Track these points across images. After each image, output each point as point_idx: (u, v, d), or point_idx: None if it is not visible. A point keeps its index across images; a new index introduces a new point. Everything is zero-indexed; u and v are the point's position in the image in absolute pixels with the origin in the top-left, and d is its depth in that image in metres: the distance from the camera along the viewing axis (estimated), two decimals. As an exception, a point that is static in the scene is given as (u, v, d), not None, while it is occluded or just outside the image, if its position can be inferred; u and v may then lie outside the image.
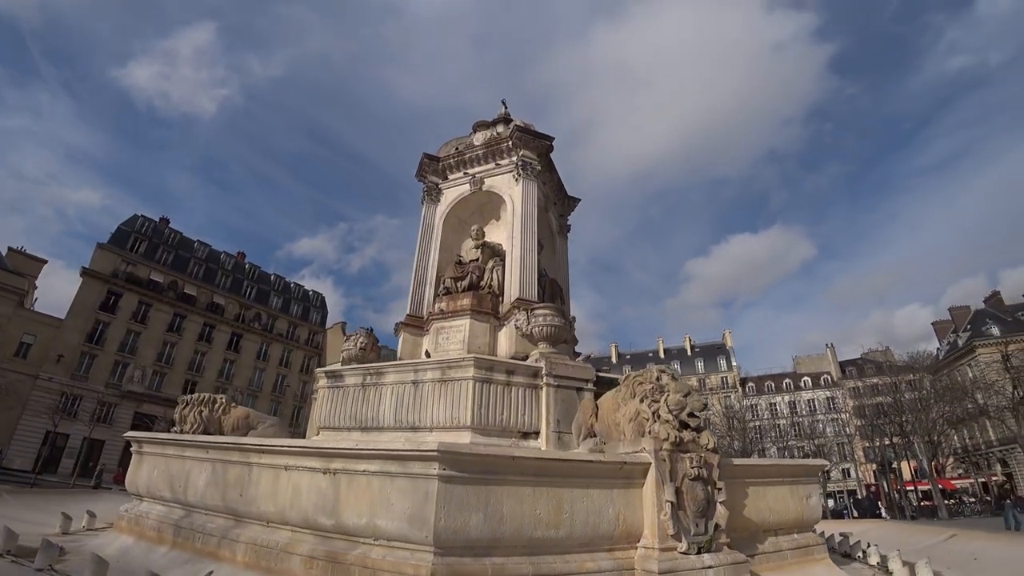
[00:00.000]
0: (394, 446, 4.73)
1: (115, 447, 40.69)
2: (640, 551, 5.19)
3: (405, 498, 4.36)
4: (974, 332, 53.18)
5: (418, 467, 4.40)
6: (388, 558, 4.30)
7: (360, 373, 8.68)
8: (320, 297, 67.85)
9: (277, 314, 58.12)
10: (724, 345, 78.43)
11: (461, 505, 4.34)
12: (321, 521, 4.69)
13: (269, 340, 55.84)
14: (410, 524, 4.28)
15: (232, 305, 52.81)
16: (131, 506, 6.97)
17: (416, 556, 4.24)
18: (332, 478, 4.72)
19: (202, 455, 5.95)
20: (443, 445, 4.40)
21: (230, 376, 50.73)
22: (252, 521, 5.20)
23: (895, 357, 46.89)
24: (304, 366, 59.91)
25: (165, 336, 46.51)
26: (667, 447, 5.59)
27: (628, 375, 7.00)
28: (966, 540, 10.37)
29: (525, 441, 7.96)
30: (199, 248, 53.22)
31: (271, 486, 5.10)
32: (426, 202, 13.60)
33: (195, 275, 50.55)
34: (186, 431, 9.42)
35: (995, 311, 54.53)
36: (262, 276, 59.67)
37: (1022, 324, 50.76)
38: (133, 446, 7.37)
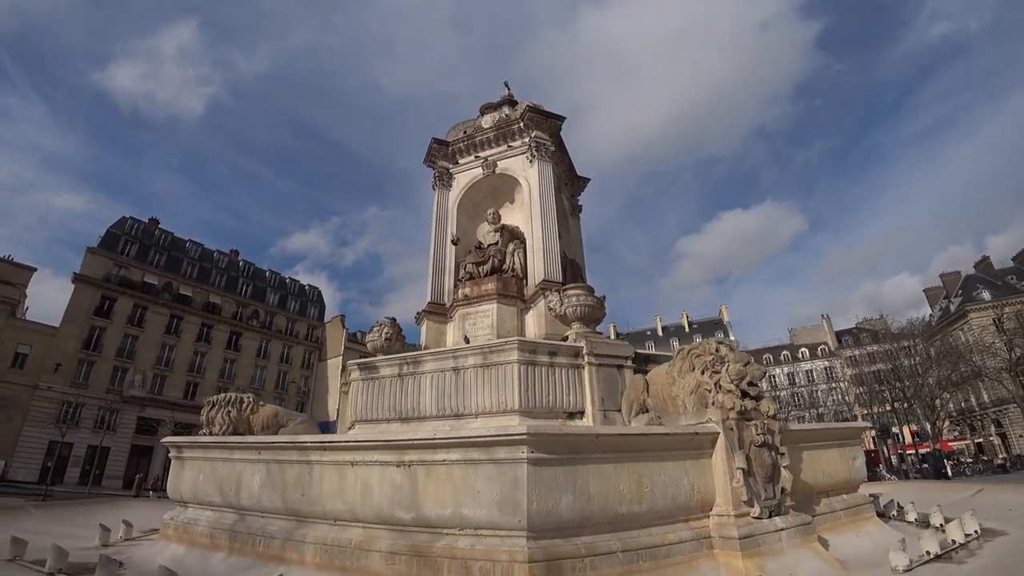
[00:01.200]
0: (476, 432, 4.58)
1: (120, 453, 40.19)
2: (714, 519, 5.20)
3: (492, 485, 4.26)
4: (965, 297, 53.92)
5: (504, 452, 4.32)
6: (478, 546, 4.19)
7: (396, 364, 8.43)
8: (316, 291, 67.09)
9: (275, 310, 57.36)
10: (721, 320, 79.00)
11: (551, 487, 4.27)
12: (399, 515, 4.50)
13: (268, 337, 55.15)
14: (500, 510, 4.19)
15: (229, 304, 51.93)
16: (175, 513, 6.67)
17: (508, 542, 4.16)
18: (407, 471, 4.56)
19: (253, 456, 5.67)
20: (531, 428, 4.34)
21: (231, 376, 50.06)
22: (317, 521, 4.96)
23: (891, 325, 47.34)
24: (305, 361, 59.47)
25: (163, 338, 45.58)
26: (733, 416, 5.59)
27: (682, 349, 6.89)
28: (994, 494, 10.47)
29: (571, 421, 7.81)
30: (191, 248, 51.94)
31: (336, 483, 4.86)
32: (438, 188, 13.24)
33: (189, 275, 49.45)
34: (215, 432, 9.15)
35: (985, 276, 55.27)
36: (257, 273, 58.71)
37: (1012, 288, 51.52)
38: (172, 452, 7.06)
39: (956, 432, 52.29)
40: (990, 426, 49.91)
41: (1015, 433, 46.11)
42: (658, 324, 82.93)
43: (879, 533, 7.07)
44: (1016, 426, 46.27)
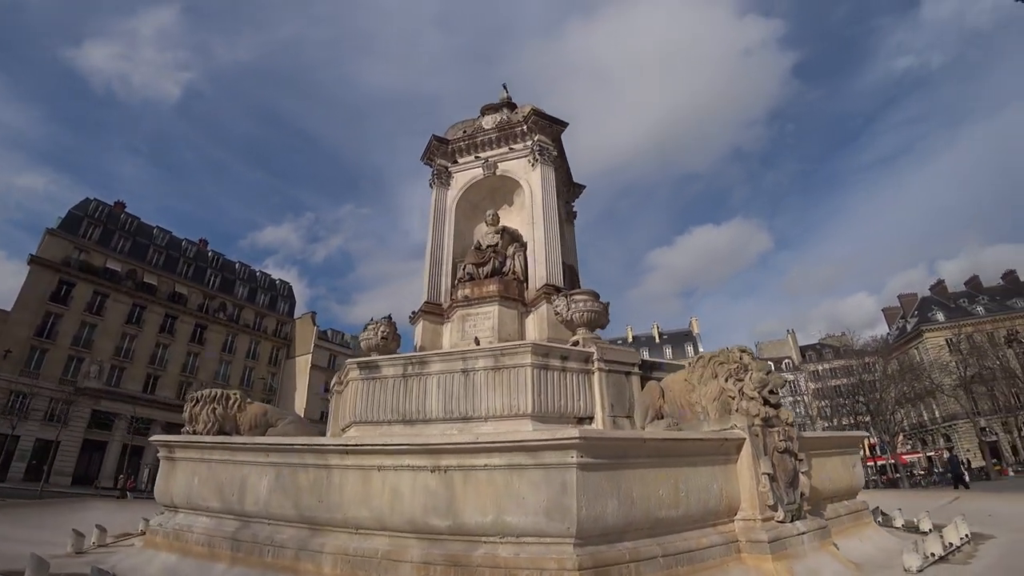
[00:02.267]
0: (522, 436, 4.43)
1: (71, 448, 37.76)
2: (739, 523, 5.23)
3: (538, 490, 4.10)
4: (921, 318, 56.69)
5: (552, 456, 4.16)
6: (522, 555, 4.01)
7: (400, 363, 8.12)
8: (287, 286, 65.21)
9: (243, 304, 55.30)
10: (691, 332, 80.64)
11: (597, 492, 4.18)
12: (434, 523, 4.25)
13: (235, 331, 53.08)
14: (548, 517, 4.03)
15: (195, 295, 49.73)
16: (164, 519, 6.05)
17: (554, 549, 4.01)
18: (443, 476, 4.30)
19: (262, 459, 5.21)
20: (583, 431, 4.22)
21: (194, 370, 47.88)
22: (335, 529, 4.60)
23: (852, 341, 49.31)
24: (272, 358, 57.61)
25: (124, 328, 43.12)
26: (758, 422, 5.68)
27: (701, 356, 6.91)
28: (970, 501, 10.94)
29: (580, 426, 7.76)
30: (159, 234, 49.38)
31: (360, 489, 4.52)
32: (436, 186, 13.00)
33: (155, 263, 47.00)
34: (199, 431, 8.64)
35: (940, 298, 58.28)
36: (226, 264, 56.50)
37: (963, 310, 54.54)
38: (162, 451, 6.42)
39: (908, 446, 54.74)
40: (940, 440, 52.48)
41: (963, 447, 48.61)
42: (628, 334, 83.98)
43: (879, 537, 7.29)
44: (964, 440, 48.81)
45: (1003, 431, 45.74)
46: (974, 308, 54.51)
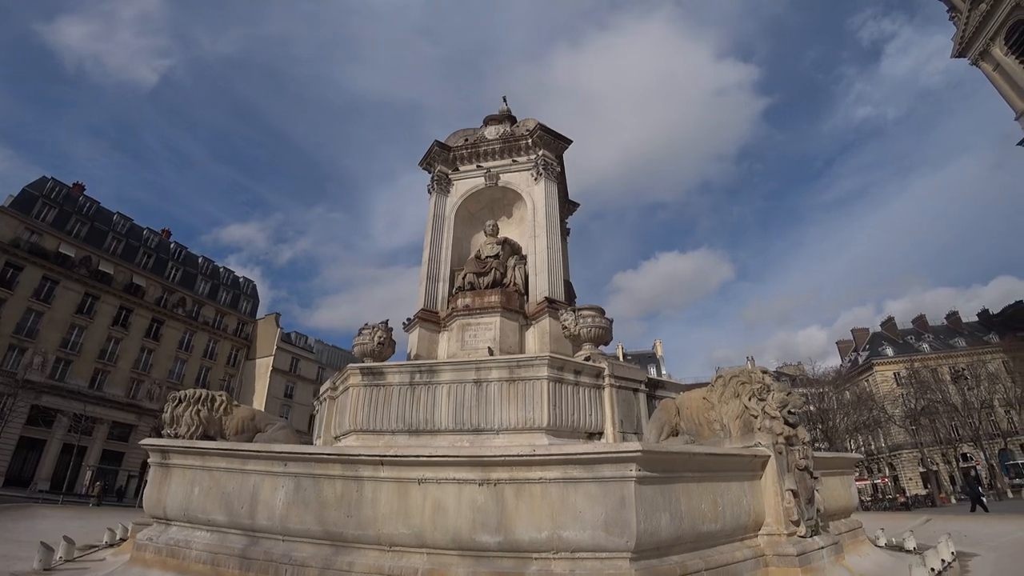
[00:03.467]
0: (580, 449, 4.37)
1: (6, 445, 34.56)
2: (764, 538, 5.31)
3: (596, 504, 4.04)
4: (872, 352, 59.68)
5: (611, 470, 4.10)
6: (578, 571, 3.91)
7: (408, 371, 7.83)
8: (251, 285, 62.76)
9: (204, 300, 52.59)
10: (655, 354, 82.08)
11: (652, 506, 4.17)
12: (483, 540, 4.03)
13: (194, 328, 50.33)
14: (606, 531, 3.96)
15: (154, 287, 46.91)
16: (154, 532, 5.47)
17: (610, 564, 3.96)
18: (492, 489, 4.12)
19: (278, 468, 4.77)
20: (644, 445, 4.24)
21: (147, 367, 44.89)
22: (365, 546, 4.27)
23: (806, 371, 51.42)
24: (231, 358, 55.09)
25: (73, 318, 39.97)
26: (781, 441, 5.81)
27: (720, 376, 6.96)
28: (943, 523, 11.42)
29: (591, 441, 7.67)
30: (119, 221, 46.23)
31: (397, 503, 4.22)
32: (436, 192, 12.85)
33: (112, 251, 43.91)
34: (181, 434, 8.09)
35: (889, 334, 61.62)
36: (189, 258, 53.70)
37: (911, 347, 57.85)
38: (154, 456, 5.79)
39: (856, 473, 57.06)
40: (885, 468, 54.90)
41: (906, 476, 51.05)
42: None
43: (875, 555, 7.51)
44: (907, 469, 51.27)
45: (943, 461, 48.29)
46: (920, 345, 57.92)
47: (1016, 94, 36.67)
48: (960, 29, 39.38)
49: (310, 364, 60.23)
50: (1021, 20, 34.91)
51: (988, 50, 37.66)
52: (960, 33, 39.32)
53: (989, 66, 38.26)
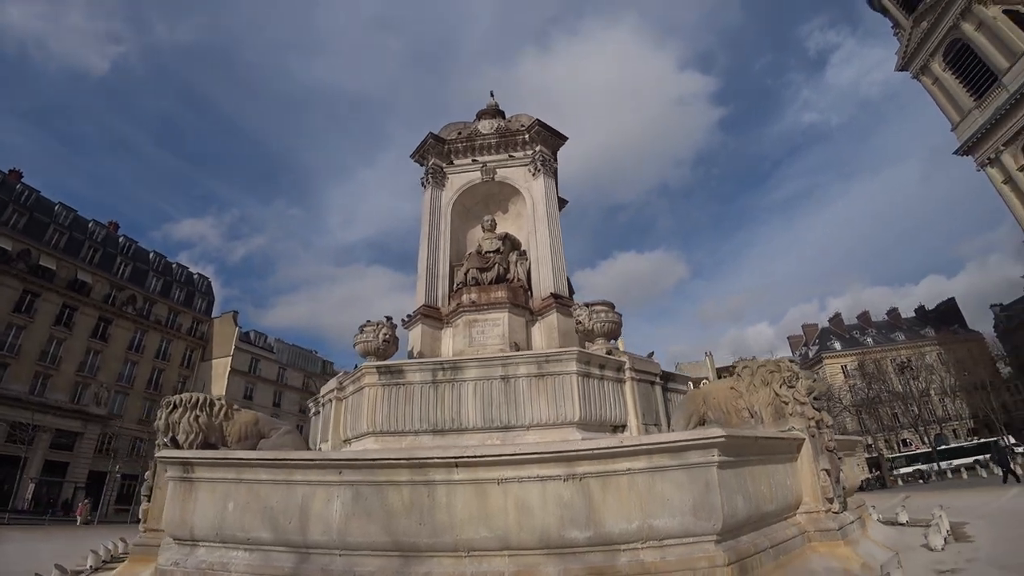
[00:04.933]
0: (665, 438, 4.50)
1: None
2: (802, 516, 5.59)
3: (683, 491, 4.16)
4: (822, 346, 63.18)
5: (696, 456, 4.22)
6: (669, 557, 3.97)
7: (429, 369, 7.52)
8: (206, 282, 59.41)
9: (156, 298, 49.19)
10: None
11: (730, 489, 4.33)
12: (571, 536, 3.96)
13: (145, 328, 47.01)
14: (695, 516, 4.08)
15: (101, 284, 43.48)
16: (180, 556, 4.87)
17: (698, 548, 4.05)
18: (578, 484, 4.07)
19: (331, 477, 4.38)
20: (726, 430, 4.36)
21: (94, 369, 41.52)
22: (438, 554, 4.04)
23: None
24: (186, 359, 52.09)
25: (10, 318, 36.16)
26: (813, 425, 6.16)
27: (746, 366, 7.22)
28: (921, 498, 12.21)
29: (615, 434, 7.63)
30: (61, 212, 42.19)
31: (476, 506, 4.03)
32: (431, 186, 12.52)
33: (55, 244, 40.10)
34: (180, 442, 7.49)
35: (837, 330, 65.45)
36: (139, 253, 49.99)
37: (856, 341, 61.70)
38: (173, 470, 5.17)
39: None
40: (835, 456, 58.24)
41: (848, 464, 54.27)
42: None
43: (881, 528, 7.97)
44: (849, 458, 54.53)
45: (886, 447, 51.67)
46: (864, 339, 61.94)
47: (952, 107, 39.43)
48: (903, 44, 41.95)
49: (271, 364, 57.74)
50: (958, 39, 37.57)
51: (928, 65, 40.33)
52: (903, 48, 41.90)
53: (928, 80, 40.95)
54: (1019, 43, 33.73)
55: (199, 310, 55.06)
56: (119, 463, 38.37)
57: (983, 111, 36.27)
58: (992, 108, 35.29)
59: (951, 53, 38.55)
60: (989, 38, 35.24)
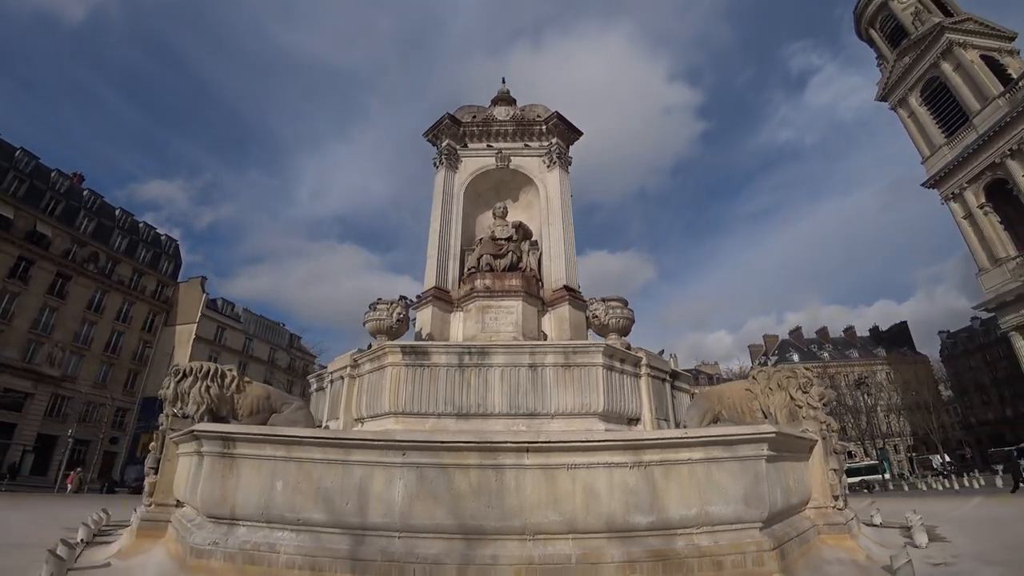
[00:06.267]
0: (720, 431, 4.81)
1: None
2: (812, 511, 5.97)
3: (736, 481, 4.44)
4: (780, 357, 65.76)
5: (748, 449, 4.52)
6: (721, 541, 4.26)
7: (456, 352, 7.45)
8: (174, 244, 56.58)
9: (120, 257, 46.54)
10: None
11: (772, 481, 4.67)
12: (635, 520, 4.15)
13: (106, 287, 44.45)
14: (746, 504, 4.40)
15: (62, 238, 40.79)
16: (217, 535, 4.60)
17: (746, 534, 4.35)
18: (643, 471, 4.25)
19: (393, 459, 4.29)
20: (776, 427, 4.77)
21: (49, 328, 39.01)
22: (504, 537, 4.06)
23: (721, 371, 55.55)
24: (148, 323, 49.74)
25: None
26: (824, 428, 6.55)
27: (762, 370, 7.69)
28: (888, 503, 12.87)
29: (630, 427, 7.76)
30: (22, 158, 38.91)
31: (546, 491, 4.08)
32: (444, 167, 12.36)
33: (13, 192, 37.09)
34: (190, 413, 7.17)
35: (796, 342, 68.23)
36: (104, 208, 46.99)
37: (814, 355, 64.58)
38: (210, 445, 4.89)
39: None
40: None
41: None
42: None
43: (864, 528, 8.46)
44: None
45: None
46: (821, 354, 64.89)
47: (924, 141, 41.35)
48: (885, 76, 43.59)
49: (237, 334, 55.81)
50: (936, 77, 39.35)
51: (906, 98, 42.10)
52: (885, 79, 43.54)
53: (905, 112, 42.76)
54: (991, 88, 35.61)
55: (165, 273, 52.65)
56: (71, 427, 36.47)
57: (952, 148, 38.20)
58: (961, 146, 37.20)
59: (928, 90, 40.35)
60: (965, 80, 37.05)
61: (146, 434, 43.03)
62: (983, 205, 36.13)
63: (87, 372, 42.56)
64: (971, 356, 60.13)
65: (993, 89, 35.15)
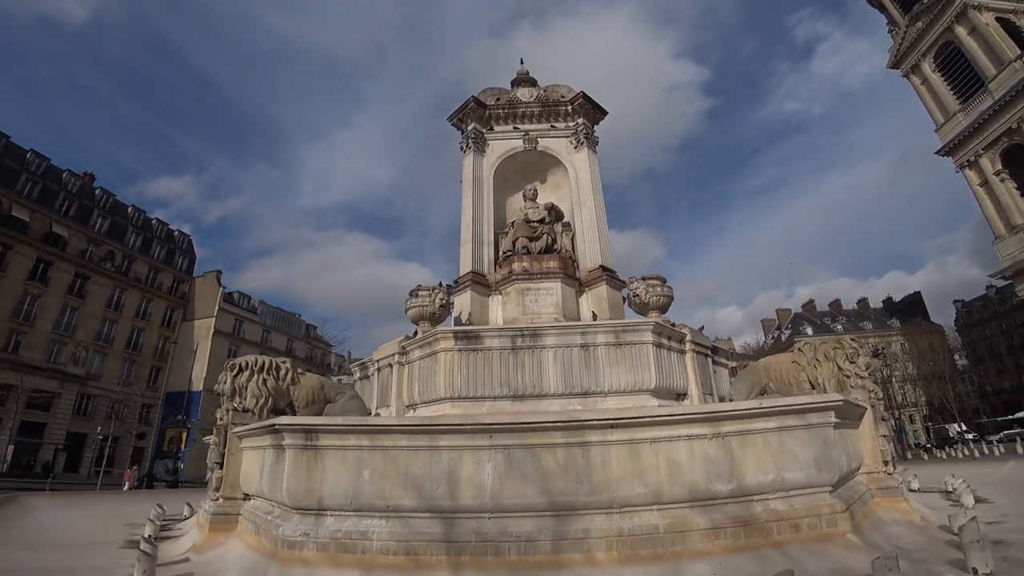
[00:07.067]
0: (791, 401, 5.05)
1: None
2: (864, 476, 6.12)
3: (806, 447, 4.63)
4: (794, 330, 65.67)
5: (816, 418, 4.73)
6: (796, 505, 4.45)
7: (509, 335, 7.54)
8: (187, 239, 56.89)
9: (135, 255, 46.92)
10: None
11: (839, 448, 4.83)
12: (716, 488, 4.32)
13: (124, 285, 44.93)
14: (817, 470, 4.56)
15: (78, 238, 41.07)
16: (308, 526, 4.64)
17: (817, 498, 4.55)
18: (721, 442, 4.43)
19: (481, 442, 4.38)
20: (842, 396, 5.03)
21: (71, 328, 39.57)
22: (591, 512, 4.18)
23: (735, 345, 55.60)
24: (166, 319, 50.37)
25: None
26: (873, 396, 6.68)
27: (807, 343, 7.77)
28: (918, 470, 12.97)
29: (678, 402, 7.88)
30: (33, 160, 38.99)
31: (630, 465, 4.21)
32: (472, 151, 12.30)
33: (28, 195, 37.38)
34: (249, 407, 7.26)
35: (809, 315, 68.00)
36: (117, 207, 47.16)
37: (827, 327, 64.29)
38: (292, 438, 4.88)
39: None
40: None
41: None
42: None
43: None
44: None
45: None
46: (835, 326, 64.68)
47: (938, 108, 40.48)
48: (897, 42, 42.54)
49: (254, 326, 56.32)
50: (950, 42, 38.37)
51: (919, 65, 41.11)
52: (897, 46, 42.51)
53: (918, 79, 41.80)
54: (1008, 51, 34.70)
55: (180, 268, 53.05)
56: (99, 424, 37.18)
57: (967, 115, 37.40)
58: (976, 112, 36.40)
59: (942, 55, 39.38)
60: (980, 44, 36.11)
61: (172, 429, 43.91)
62: (999, 172, 35.48)
63: (110, 370, 43.24)
64: (986, 324, 59.76)
65: (1009, 53, 34.24)
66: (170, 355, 49.32)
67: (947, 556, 4.33)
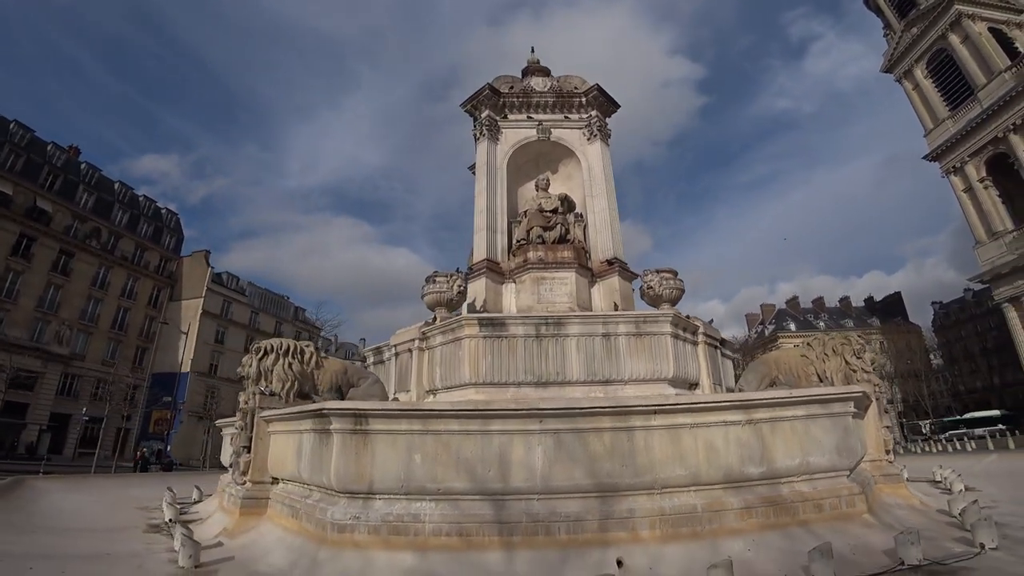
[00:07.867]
0: (816, 391, 5.45)
1: None
2: (867, 464, 6.46)
3: (829, 434, 4.97)
4: (777, 326, 67.07)
5: (839, 407, 5.10)
6: (819, 487, 4.82)
7: (533, 323, 7.70)
8: (175, 218, 55.66)
9: (122, 232, 45.74)
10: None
11: (856, 435, 5.25)
12: (749, 471, 4.61)
13: (110, 264, 43.90)
14: (838, 455, 4.93)
15: (62, 214, 39.90)
16: (357, 509, 4.63)
17: (837, 481, 4.93)
18: (753, 428, 4.71)
19: (532, 426, 4.52)
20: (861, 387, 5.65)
21: (55, 306, 38.60)
22: (634, 493, 4.41)
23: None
24: (153, 298, 49.51)
25: None
26: (878, 390, 7.06)
27: (816, 338, 8.13)
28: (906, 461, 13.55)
29: (691, 391, 8.16)
30: (17, 131, 37.67)
31: (671, 449, 4.46)
32: (486, 139, 12.32)
33: (10, 167, 36.15)
34: (276, 391, 7.28)
35: (792, 312, 69.48)
36: (103, 182, 45.70)
37: (810, 324, 65.83)
38: (340, 422, 4.87)
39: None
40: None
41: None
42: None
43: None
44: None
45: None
46: (817, 323, 66.23)
47: (927, 113, 41.30)
48: (891, 47, 43.19)
49: (243, 308, 55.63)
50: (943, 49, 39.08)
51: (912, 70, 41.84)
52: (891, 50, 43.15)
53: (910, 84, 42.55)
54: (998, 61, 35.50)
55: (168, 247, 52.08)
56: (84, 405, 36.65)
57: (956, 122, 38.27)
58: (964, 120, 37.27)
59: (935, 62, 40.11)
60: (972, 52, 36.86)
61: (158, 411, 43.41)
62: (984, 179, 36.48)
63: (95, 350, 42.51)
64: (962, 326, 61.77)
65: (1000, 63, 35.05)
66: (157, 335, 48.61)
67: (951, 535, 4.79)
